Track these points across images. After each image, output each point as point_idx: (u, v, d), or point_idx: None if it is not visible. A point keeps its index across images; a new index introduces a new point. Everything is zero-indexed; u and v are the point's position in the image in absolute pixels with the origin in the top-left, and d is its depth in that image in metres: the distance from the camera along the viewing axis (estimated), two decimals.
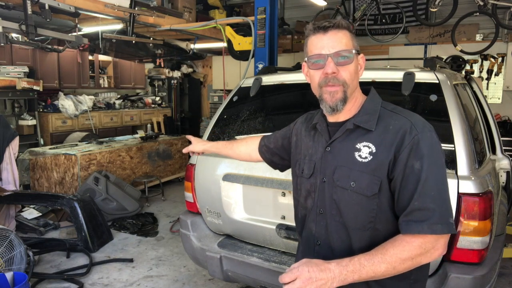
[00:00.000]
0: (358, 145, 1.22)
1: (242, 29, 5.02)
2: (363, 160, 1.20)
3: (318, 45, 1.23)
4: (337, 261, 1.11)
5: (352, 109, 1.27)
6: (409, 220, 1.12)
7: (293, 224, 2.28)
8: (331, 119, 1.31)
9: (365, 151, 1.20)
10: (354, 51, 1.22)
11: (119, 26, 5.35)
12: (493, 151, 2.71)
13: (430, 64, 2.29)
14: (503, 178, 2.60)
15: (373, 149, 1.19)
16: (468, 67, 6.78)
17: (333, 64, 1.20)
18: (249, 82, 2.75)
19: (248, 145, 1.76)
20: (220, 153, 1.85)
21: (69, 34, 4.63)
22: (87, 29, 5.55)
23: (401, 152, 1.15)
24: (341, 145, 1.26)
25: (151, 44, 6.58)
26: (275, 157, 1.65)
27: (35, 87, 6.40)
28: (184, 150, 1.88)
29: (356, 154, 1.21)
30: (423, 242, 1.10)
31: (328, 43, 1.21)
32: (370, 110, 1.25)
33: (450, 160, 1.86)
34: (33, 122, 6.52)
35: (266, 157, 1.68)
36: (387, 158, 1.17)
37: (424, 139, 1.15)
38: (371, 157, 1.19)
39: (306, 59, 1.29)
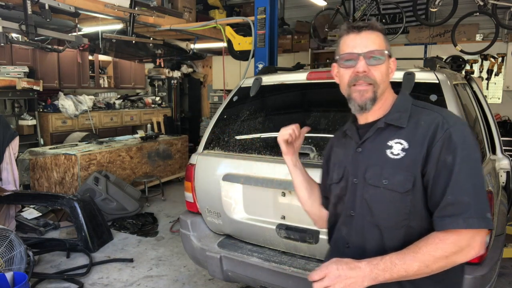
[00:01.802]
0: (390, 143, 1.21)
1: (242, 29, 5.02)
2: (395, 157, 1.18)
3: (350, 44, 1.22)
4: (368, 260, 1.09)
5: (381, 109, 1.26)
6: (443, 216, 1.09)
7: (293, 224, 2.29)
8: (361, 121, 1.30)
9: (397, 147, 1.19)
10: (386, 52, 1.22)
11: (119, 26, 5.35)
12: (493, 151, 2.71)
13: (430, 64, 2.29)
14: (503, 178, 2.60)
15: (405, 145, 1.18)
16: (468, 67, 6.77)
17: (365, 63, 1.19)
18: (249, 82, 2.75)
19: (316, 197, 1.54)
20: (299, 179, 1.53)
21: (69, 34, 4.63)
22: (87, 29, 5.54)
23: (433, 146, 1.13)
24: (372, 144, 1.25)
25: (151, 44, 6.57)
26: None
27: (35, 87, 6.40)
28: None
29: (388, 151, 1.20)
30: (458, 239, 1.06)
31: (361, 43, 1.20)
32: (401, 108, 1.25)
33: None
34: (33, 122, 6.51)
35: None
36: (420, 153, 1.15)
37: (456, 133, 1.13)
38: (404, 153, 1.17)
39: (337, 58, 1.28)
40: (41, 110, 6.85)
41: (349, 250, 1.28)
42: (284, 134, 1.41)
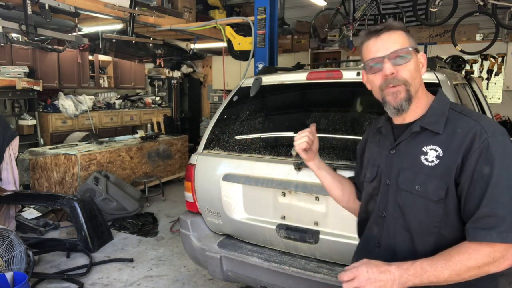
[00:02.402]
0: (425, 148, 1.18)
1: (242, 29, 5.02)
2: (430, 164, 1.16)
3: (372, 49, 1.22)
4: (398, 264, 1.09)
5: (417, 109, 1.23)
6: (477, 227, 1.07)
7: (293, 224, 2.29)
8: (397, 121, 1.29)
9: (432, 154, 1.17)
10: (411, 49, 1.20)
11: (119, 26, 5.35)
12: None
13: (430, 64, 2.29)
14: None
15: (440, 152, 1.16)
16: (468, 67, 6.78)
17: (390, 65, 1.18)
18: (249, 82, 2.74)
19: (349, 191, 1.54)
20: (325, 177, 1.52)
21: (69, 34, 4.63)
22: (87, 29, 5.54)
23: (469, 156, 1.11)
24: (406, 147, 1.23)
25: (151, 44, 6.57)
26: None
27: (35, 87, 6.40)
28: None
29: (422, 157, 1.18)
30: (492, 251, 1.05)
31: (382, 45, 1.20)
32: (438, 111, 1.22)
33: None
34: (33, 122, 6.51)
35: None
36: (454, 162, 1.13)
37: (494, 143, 1.10)
38: (438, 161, 1.15)
39: (363, 66, 1.28)
40: (41, 110, 6.85)
41: (379, 250, 1.28)
42: (301, 144, 1.39)
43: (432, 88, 1.32)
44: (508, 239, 1.04)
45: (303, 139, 1.38)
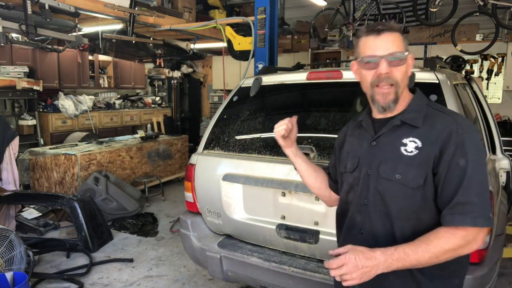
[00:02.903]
0: (405, 140, 1.29)
1: (242, 29, 5.02)
2: (409, 154, 1.27)
3: (371, 47, 1.28)
4: (382, 250, 1.18)
5: (399, 106, 1.33)
6: (453, 213, 1.19)
7: (293, 224, 2.29)
8: (378, 116, 1.37)
9: (411, 145, 1.27)
10: (406, 53, 1.28)
11: (119, 26, 5.35)
12: (493, 151, 2.71)
13: (430, 64, 2.29)
14: (503, 178, 2.60)
15: (419, 144, 1.26)
16: (468, 67, 6.77)
17: (386, 65, 1.26)
18: (249, 82, 2.74)
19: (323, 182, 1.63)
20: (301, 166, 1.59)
21: (69, 34, 4.63)
22: (87, 29, 5.54)
23: (447, 148, 1.22)
24: (387, 139, 1.33)
25: (151, 44, 6.57)
26: None
27: (35, 87, 6.40)
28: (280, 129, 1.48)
29: (402, 148, 1.28)
30: (466, 234, 1.17)
31: (381, 45, 1.26)
32: (417, 108, 1.32)
33: None
34: (33, 122, 6.51)
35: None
36: (432, 153, 1.24)
37: (469, 139, 1.23)
38: (417, 151, 1.26)
39: (357, 58, 1.34)
40: (41, 110, 6.85)
41: (362, 237, 1.36)
42: (280, 130, 1.48)
43: (412, 87, 1.40)
44: (479, 223, 1.17)
45: (282, 126, 1.47)
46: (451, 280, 1.32)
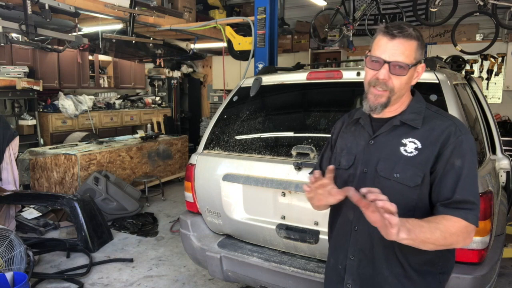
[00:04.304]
0: (404, 141, 1.32)
1: (242, 29, 5.02)
2: (408, 154, 1.30)
3: (381, 48, 1.28)
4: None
5: (398, 108, 1.36)
6: (455, 208, 1.22)
7: (293, 224, 2.29)
8: (376, 115, 1.39)
9: (410, 146, 1.30)
10: (410, 66, 1.27)
11: (119, 26, 5.35)
12: (493, 151, 2.71)
13: (430, 64, 2.29)
14: (503, 178, 2.60)
15: (419, 145, 1.29)
16: (468, 67, 6.77)
17: (386, 72, 1.27)
18: (249, 82, 2.74)
19: None
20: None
21: (69, 34, 4.63)
22: (87, 29, 5.55)
23: (445, 149, 1.26)
24: (385, 139, 1.35)
25: (151, 44, 6.57)
26: None
27: (35, 87, 6.40)
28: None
29: (402, 148, 1.31)
30: (466, 226, 1.20)
31: (390, 50, 1.26)
32: (416, 110, 1.35)
33: None
34: (33, 122, 6.51)
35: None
36: (432, 154, 1.27)
37: (466, 141, 1.28)
38: (417, 152, 1.29)
39: (368, 53, 1.35)
40: (41, 110, 6.85)
41: (356, 233, 1.38)
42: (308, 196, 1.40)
43: (411, 89, 1.41)
44: (476, 223, 1.22)
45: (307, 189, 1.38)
46: (441, 276, 1.36)
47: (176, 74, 9.12)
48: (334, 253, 1.49)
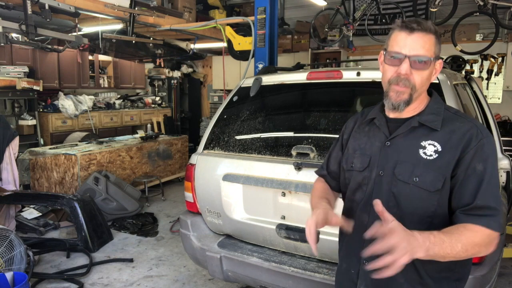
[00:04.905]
0: (423, 143, 1.26)
1: (242, 29, 5.02)
2: (428, 158, 1.24)
3: (400, 43, 1.23)
4: (418, 231, 1.08)
5: (417, 108, 1.30)
6: (477, 214, 1.16)
7: (293, 224, 2.29)
8: (392, 115, 1.33)
9: (430, 149, 1.24)
10: (432, 59, 1.24)
11: (119, 26, 5.35)
12: None
13: None
14: (503, 178, 2.60)
15: (439, 148, 1.24)
16: (468, 67, 6.77)
17: (408, 66, 1.22)
18: (249, 82, 2.74)
19: (328, 195, 1.53)
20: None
21: (69, 34, 4.63)
22: (87, 29, 5.55)
23: (466, 153, 1.21)
24: (403, 141, 1.29)
25: (151, 44, 6.57)
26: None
27: (35, 87, 6.40)
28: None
29: (421, 151, 1.25)
30: (490, 234, 1.15)
31: (410, 44, 1.22)
32: (435, 111, 1.29)
33: None
34: (33, 122, 6.51)
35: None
36: (453, 158, 1.21)
37: (488, 144, 1.22)
38: (437, 155, 1.23)
39: (384, 50, 1.30)
40: (41, 110, 6.85)
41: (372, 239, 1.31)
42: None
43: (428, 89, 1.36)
44: (499, 229, 1.16)
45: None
46: (457, 283, 1.31)
47: (176, 74, 9.12)
48: (347, 258, 1.44)
